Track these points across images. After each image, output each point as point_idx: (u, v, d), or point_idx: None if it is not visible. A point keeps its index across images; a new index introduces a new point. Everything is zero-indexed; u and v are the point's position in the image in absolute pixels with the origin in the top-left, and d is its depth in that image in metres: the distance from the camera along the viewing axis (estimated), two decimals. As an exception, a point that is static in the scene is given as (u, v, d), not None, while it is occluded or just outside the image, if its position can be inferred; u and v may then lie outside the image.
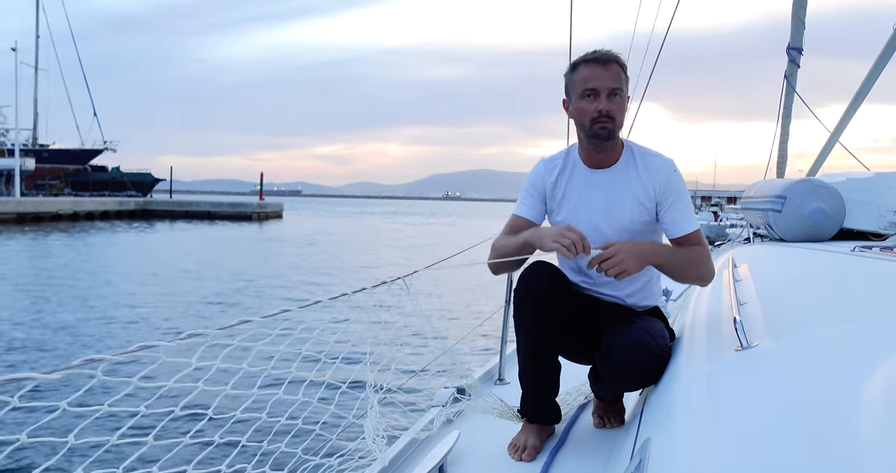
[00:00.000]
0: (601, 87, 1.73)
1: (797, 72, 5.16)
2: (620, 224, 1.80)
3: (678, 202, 1.79)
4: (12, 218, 33.53)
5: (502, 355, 2.60)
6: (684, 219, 1.79)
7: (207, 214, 45.18)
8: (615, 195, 1.81)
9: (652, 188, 1.79)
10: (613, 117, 1.73)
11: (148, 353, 1.09)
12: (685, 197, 1.82)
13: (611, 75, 1.73)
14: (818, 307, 1.63)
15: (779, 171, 5.43)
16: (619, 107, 1.75)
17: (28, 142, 58.30)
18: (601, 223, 1.81)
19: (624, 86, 1.76)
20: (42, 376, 0.93)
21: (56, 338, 8.94)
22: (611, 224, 1.80)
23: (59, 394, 1.03)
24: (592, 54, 1.76)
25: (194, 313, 11.10)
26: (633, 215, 1.80)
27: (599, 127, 1.74)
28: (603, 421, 2.00)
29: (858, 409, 0.85)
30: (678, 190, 1.79)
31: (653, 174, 1.79)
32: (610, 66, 1.74)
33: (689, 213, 1.81)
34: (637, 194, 1.79)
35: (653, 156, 1.83)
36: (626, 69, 1.77)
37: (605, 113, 1.72)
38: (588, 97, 1.74)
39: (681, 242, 1.80)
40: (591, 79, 1.73)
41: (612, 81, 1.73)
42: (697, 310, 2.05)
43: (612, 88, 1.73)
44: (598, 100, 1.73)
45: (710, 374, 1.31)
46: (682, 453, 0.98)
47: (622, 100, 1.75)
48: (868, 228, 3.62)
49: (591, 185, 1.83)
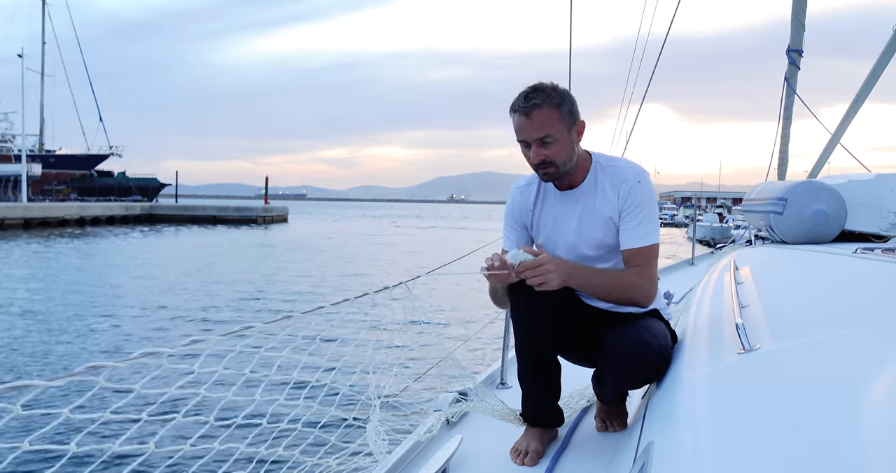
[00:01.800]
0: (529, 139, 1.73)
1: (797, 73, 5.15)
2: (594, 242, 1.83)
3: (634, 214, 1.77)
4: (19, 223, 33.70)
5: (504, 359, 2.61)
6: (634, 233, 1.77)
7: (213, 219, 45.33)
8: (586, 215, 1.82)
9: (617, 200, 1.79)
10: (552, 161, 1.74)
11: (151, 360, 1.10)
12: (644, 209, 1.77)
13: (537, 124, 1.71)
14: (820, 309, 1.63)
15: (780, 173, 5.42)
16: (556, 151, 1.73)
17: (34, 148, 58.66)
18: (577, 243, 1.85)
19: (555, 128, 1.71)
20: (45, 383, 0.94)
21: (63, 342, 8.98)
22: (586, 243, 1.83)
23: (64, 401, 1.04)
24: (520, 101, 1.72)
25: (203, 317, 11.13)
26: (605, 233, 1.81)
27: (542, 173, 1.78)
28: (605, 425, 2.00)
29: (862, 412, 0.85)
30: (637, 201, 1.77)
31: (617, 186, 1.79)
32: (534, 116, 1.70)
33: (642, 227, 1.76)
34: (605, 211, 1.80)
35: (618, 167, 1.81)
36: (561, 103, 1.72)
37: (539, 162, 1.74)
38: (524, 144, 1.76)
39: (626, 257, 1.78)
40: (519, 130, 1.74)
41: (539, 131, 1.71)
42: (699, 313, 2.05)
43: (540, 138, 1.71)
44: (531, 150, 1.74)
45: (712, 377, 1.31)
46: (684, 457, 0.98)
47: (557, 141, 1.72)
48: (870, 230, 3.61)
49: (563, 207, 1.86)
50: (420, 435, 1.95)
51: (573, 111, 1.76)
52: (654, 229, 1.78)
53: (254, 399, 1.46)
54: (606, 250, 1.84)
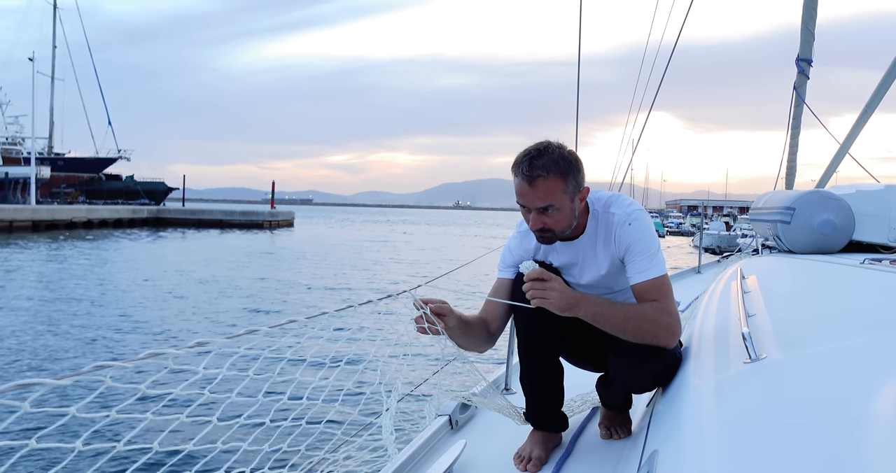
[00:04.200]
0: (530, 206, 1.69)
1: (806, 83, 5.15)
2: (603, 280, 1.82)
3: (633, 253, 1.74)
4: (28, 225, 33.93)
5: (508, 364, 2.60)
6: (638, 268, 1.72)
7: (219, 222, 45.53)
8: (588, 263, 1.82)
9: (615, 247, 1.77)
10: (551, 229, 1.72)
11: (157, 361, 1.10)
12: (642, 245, 1.73)
13: (538, 195, 1.66)
14: (827, 319, 1.62)
15: (787, 182, 5.40)
16: (557, 219, 1.70)
17: (44, 151, 59.13)
18: (584, 284, 1.85)
19: (558, 199, 1.67)
20: (53, 381, 0.94)
21: (70, 342, 9.02)
22: (594, 282, 1.82)
23: (69, 400, 1.05)
24: (524, 166, 1.65)
25: (209, 319, 11.16)
26: (612, 272, 1.80)
27: (539, 237, 1.75)
28: (610, 432, 1.99)
29: (868, 423, 0.85)
30: (632, 241, 1.73)
31: (611, 234, 1.77)
32: (537, 185, 1.65)
33: (644, 262, 1.71)
34: (607, 258, 1.79)
35: (612, 215, 1.78)
36: (567, 173, 1.66)
37: (537, 230, 1.72)
38: (524, 208, 1.72)
39: (636, 292, 1.73)
40: (520, 194, 1.69)
41: (540, 200, 1.66)
42: (705, 322, 2.04)
43: (541, 207, 1.68)
44: (530, 215, 1.70)
45: (718, 386, 1.31)
46: (689, 465, 0.98)
47: (558, 210, 1.69)
48: (878, 241, 3.59)
49: (566, 256, 1.84)
50: (424, 440, 1.95)
51: (578, 181, 1.70)
52: (657, 262, 1.72)
53: (257, 399, 1.47)
54: (621, 287, 1.82)
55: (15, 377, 7.20)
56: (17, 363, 8.02)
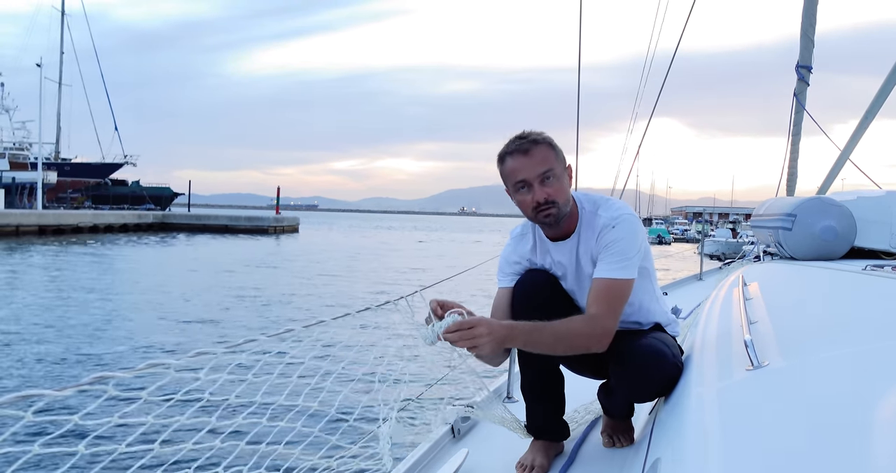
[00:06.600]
0: (530, 177, 1.69)
1: (806, 89, 5.15)
2: (588, 283, 1.79)
3: (607, 251, 1.73)
4: (34, 230, 34.08)
5: (510, 372, 2.60)
6: (604, 266, 1.72)
7: (225, 228, 45.59)
8: (580, 264, 1.81)
9: (595, 248, 1.77)
10: (554, 201, 1.71)
11: (158, 370, 1.11)
12: (618, 246, 1.72)
13: (536, 161, 1.69)
14: (829, 326, 1.62)
15: (789, 189, 5.40)
16: (557, 188, 1.71)
17: (50, 156, 59.45)
18: (576, 291, 1.84)
19: (555, 164, 1.71)
20: (54, 393, 0.95)
21: (75, 347, 9.04)
22: (584, 291, 1.80)
23: (71, 411, 1.06)
24: (515, 143, 1.71)
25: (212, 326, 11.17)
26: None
27: (543, 216, 1.73)
28: (612, 441, 1.99)
29: (871, 430, 0.85)
30: (610, 240, 1.73)
31: (595, 236, 1.77)
32: (533, 152, 1.69)
33: (613, 262, 1.70)
34: (590, 260, 1.78)
35: (599, 217, 1.78)
36: (553, 144, 1.72)
37: (543, 201, 1.70)
38: (522, 189, 1.72)
39: (591, 287, 1.73)
40: (518, 170, 1.70)
41: (540, 166, 1.69)
42: (707, 329, 2.04)
43: (541, 174, 1.69)
44: (533, 190, 1.70)
45: (720, 394, 1.30)
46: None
47: (557, 179, 1.71)
48: (879, 247, 3.58)
49: (558, 258, 1.84)
50: (426, 449, 1.95)
51: (563, 157, 1.76)
52: (626, 266, 1.70)
53: (254, 400, 1.47)
54: None
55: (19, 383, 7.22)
56: (20, 368, 8.04)
